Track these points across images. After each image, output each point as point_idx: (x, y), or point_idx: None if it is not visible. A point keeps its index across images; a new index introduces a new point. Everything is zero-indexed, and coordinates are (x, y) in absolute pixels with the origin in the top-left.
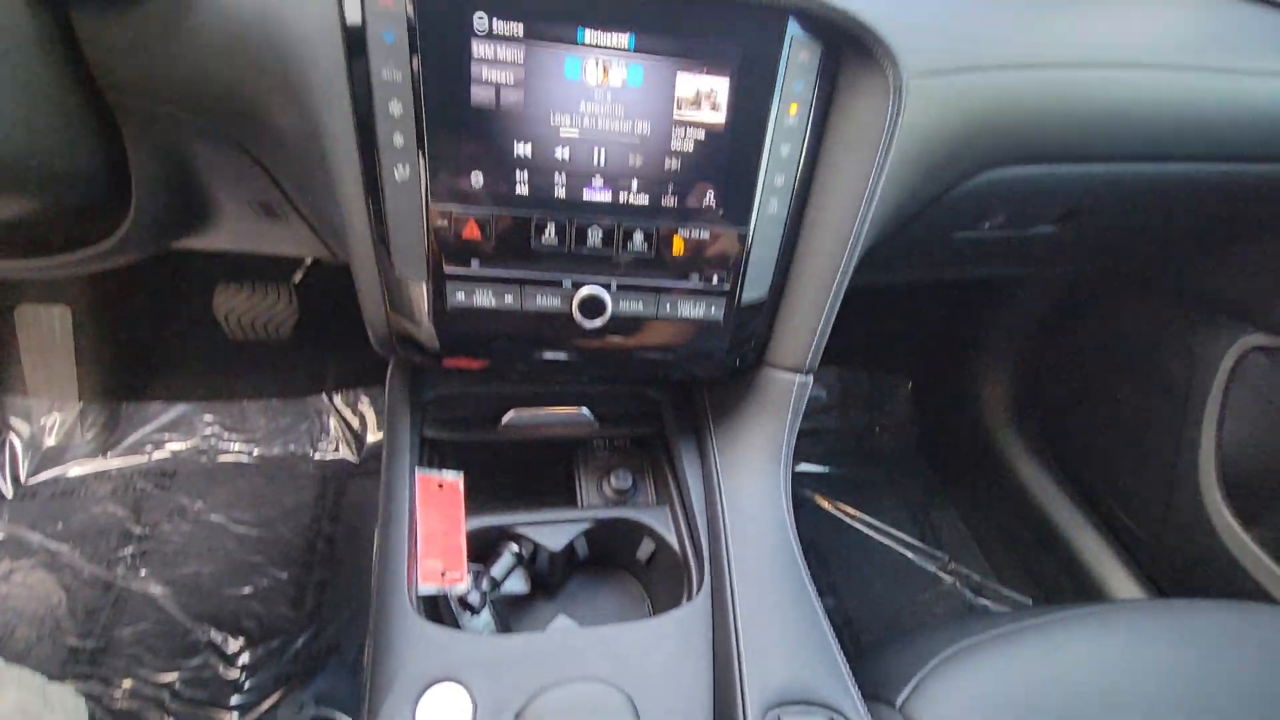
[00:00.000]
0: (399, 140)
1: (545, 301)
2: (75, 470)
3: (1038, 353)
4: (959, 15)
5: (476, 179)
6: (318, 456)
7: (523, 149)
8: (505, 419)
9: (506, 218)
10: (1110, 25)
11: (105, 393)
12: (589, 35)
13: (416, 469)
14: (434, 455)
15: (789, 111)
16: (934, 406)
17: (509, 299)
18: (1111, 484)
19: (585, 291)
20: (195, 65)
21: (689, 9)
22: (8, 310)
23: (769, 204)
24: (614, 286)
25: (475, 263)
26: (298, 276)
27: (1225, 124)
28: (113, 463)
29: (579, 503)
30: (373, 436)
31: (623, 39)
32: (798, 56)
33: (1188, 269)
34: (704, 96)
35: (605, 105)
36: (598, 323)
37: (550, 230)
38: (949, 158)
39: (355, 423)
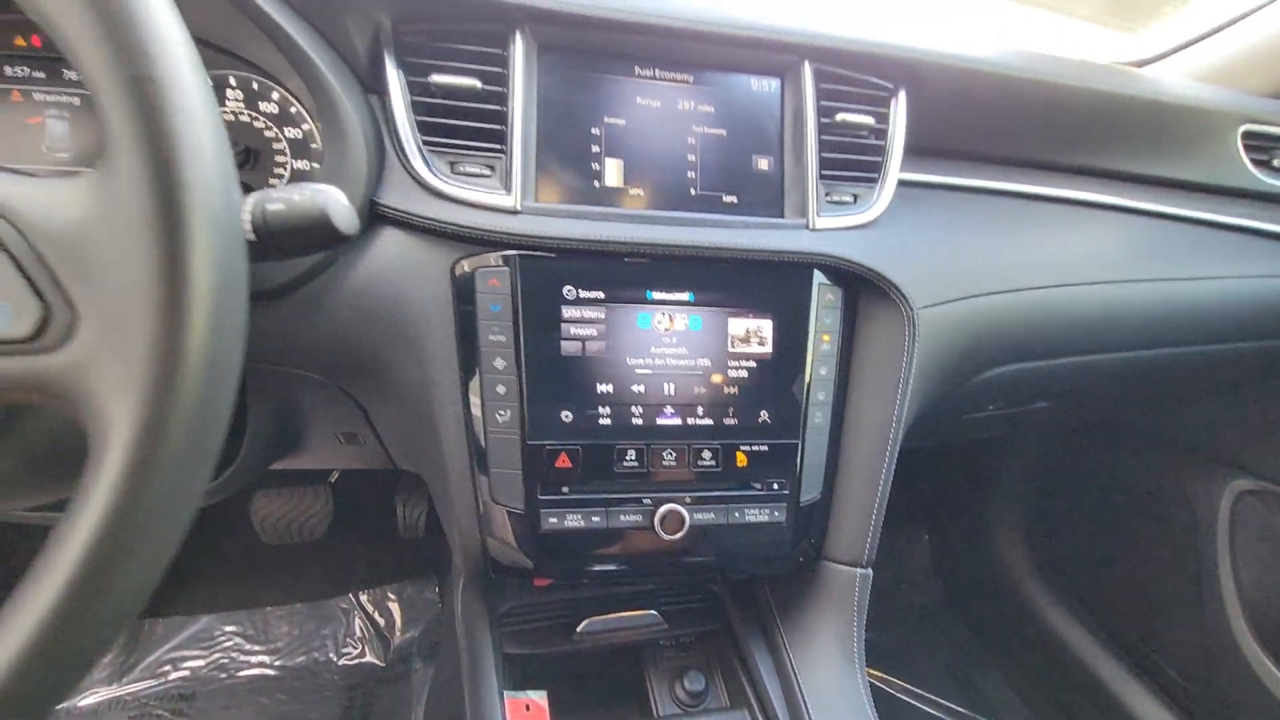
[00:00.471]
0: (501, 389)
1: (629, 519)
2: (88, 700)
3: (1047, 499)
4: (948, 258)
5: (567, 415)
6: (342, 663)
7: (605, 387)
8: (580, 627)
9: (593, 446)
10: (1068, 251)
11: None
12: (657, 295)
13: (506, 693)
14: (507, 666)
15: (823, 340)
16: (953, 557)
17: (596, 519)
18: (1146, 633)
19: (665, 508)
20: (330, 338)
21: (735, 271)
22: (40, 538)
23: (814, 416)
24: (688, 499)
25: (566, 489)
26: (334, 475)
27: (1179, 320)
28: (128, 689)
29: (653, 710)
30: (400, 635)
31: (684, 296)
32: (825, 298)
33: (1175, 419)
34: (752, 334)
35: (672, 347)
36: (678, 536)
37: (631, 454)
38: (956, 365)
39: (382, 622)
